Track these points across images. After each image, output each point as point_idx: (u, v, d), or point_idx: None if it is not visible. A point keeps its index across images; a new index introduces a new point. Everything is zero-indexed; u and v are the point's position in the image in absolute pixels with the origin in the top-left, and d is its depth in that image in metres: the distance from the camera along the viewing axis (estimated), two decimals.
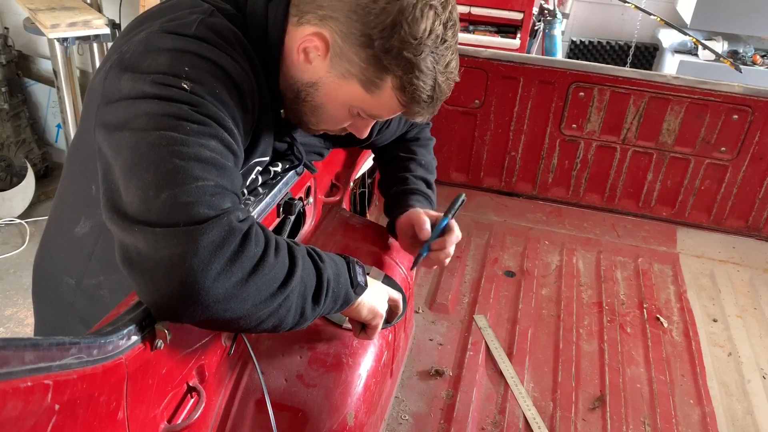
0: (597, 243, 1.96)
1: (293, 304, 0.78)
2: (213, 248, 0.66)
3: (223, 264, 0.67)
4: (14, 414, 0.49)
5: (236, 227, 0.69)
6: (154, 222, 0.66)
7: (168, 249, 0.65)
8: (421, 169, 1.31)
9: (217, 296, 0.67)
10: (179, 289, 0.66)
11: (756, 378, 1.50)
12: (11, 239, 2.97)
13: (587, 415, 1.34)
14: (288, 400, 0.94)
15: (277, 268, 0.74)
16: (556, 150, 2.00)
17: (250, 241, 0.70)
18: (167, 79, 0.74)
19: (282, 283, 0.74)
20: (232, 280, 0.68)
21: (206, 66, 0.77)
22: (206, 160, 0.71)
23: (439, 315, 1.60)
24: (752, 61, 3.09)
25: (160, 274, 0.66)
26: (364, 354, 1.02)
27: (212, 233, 0.67)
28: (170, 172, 0.68)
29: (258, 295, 0.71)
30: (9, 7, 3.21)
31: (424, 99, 0.87)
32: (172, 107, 0.73)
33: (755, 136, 1.84)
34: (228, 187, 0.73)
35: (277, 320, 0.77)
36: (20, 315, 2.53)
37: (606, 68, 1.86)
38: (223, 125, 0.76)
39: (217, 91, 0.77)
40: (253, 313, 0.72)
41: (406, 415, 1.29)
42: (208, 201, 0.69)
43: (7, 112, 3.15)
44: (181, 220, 0.66)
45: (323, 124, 0.96)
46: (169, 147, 0.70)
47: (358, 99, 0.88)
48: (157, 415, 0.75)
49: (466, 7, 2.96)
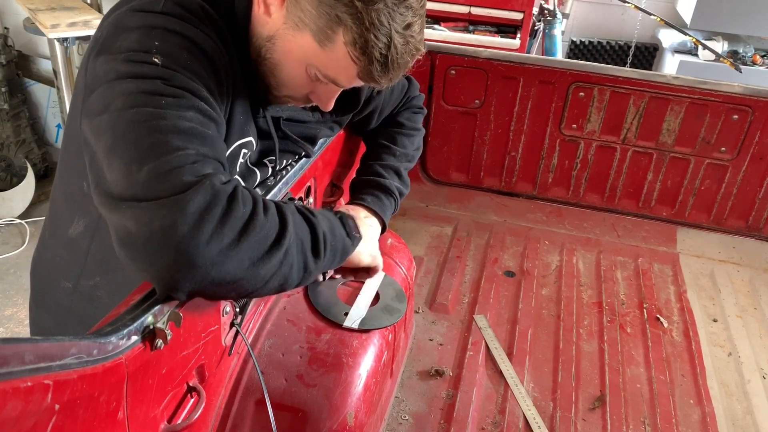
0: (597, 243, 1.96)
1: (294, 260, 0.78)
2: (201, 213, 0.67)
3: (213, 226, 0.68)
4: (14, 414, 0.49)
5: (221, 189, 0.70)
6: (140, 196, 0.67)
7: (157, 221, 0.66)
8: (393, 158, 1.29)
9: (213, 259, 0.67)
10: (175, 258, 0.66)
11: (756, 378, 1.50)
12: (11, 239, 2.97)
13: (587, 415, 1.34)
14: (288, 400, 0.94)
15: (269, 226, 0.74)
16: (556, 150, 2.01)
17: (237, 201, 0.71)
18: (138, 55, 0.76)
19: (276, 240, 0.75)
20: (225, 241, 0.68)
21: (176, 39, 0.79)
22: (185, 130, 0.72)
23: (439, 315, 1.60)
24: (752, 61, 3.09)
25: (154, 248, 0.66)
26: (364, 354, 1.02)
27: (198, 198, 0.67)
28: (150, 146, 0.69)
29: (254, 253, 0.72)
30: (9, 7, 3.21)
31: (377, 57, 0.83)
32: (146, 83, 0.74)
33: (755, 136, 1.84)
34: (209, 155, 0.74)
35: (282, 278, 0.78)
36: (20, 315, 2.53)
37: (606, 68, 1.86)
38: (198, 95, 0.77)
39: (189, 62, 0.78)
40: (254, 272, 0.72)
41: (406, 415, 1.29)
42: (190, 168, 0.69)
43: (7, 112, 3.15)
44: (165, 191, 0.67)
45: (284, 87, 0.94)
46: (147, 122, 0.71)
47: (313, 54, 0.86)
48: (157, 415, 0.75)
49: (466, 7, 2.96)
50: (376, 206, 1.20)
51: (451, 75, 1.94)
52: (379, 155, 1.30)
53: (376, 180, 1.24)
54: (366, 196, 1.21)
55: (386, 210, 1.22)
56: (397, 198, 1.25)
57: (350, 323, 1.05)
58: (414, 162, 1.36)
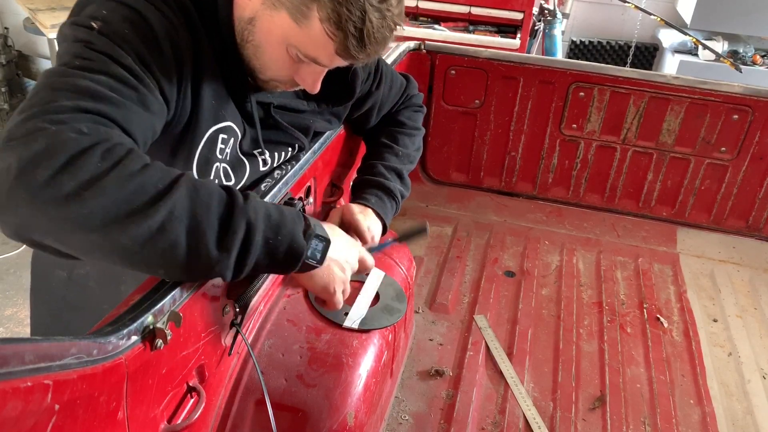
0: (597, 243, 1.96)
1: (178, 239, 0.70)
2: (38, 158, 0.65)
3: (49, 174, 0.65)
4: (14, 414, 0.49)
5: (70, 138, 0.67)
6: (5, 138, 0.68)
7: (2, 162, 0.65)
8: (395, 158, 1.30)
9: (45, 204, 0.65)
10: (7, 200, 0.65)
11: (756, 378, 1.50)
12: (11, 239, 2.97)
13: (587, 415, 1.34)
14: (288, 400, 0.94)
15: (133, 187, 0.68)
16: (556, 150, 2.01)
17: (90, 155, 0.67)
18: (80, 20, 0.80)
19: (143, 205, 0.68)
20: (63, 190, 0.65)
21: (125, 11, 0.81)
22: (81, 89, 0.72)
23: (439, 315, 1.60)
24: (752, 61, 3.09)
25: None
26: (364, 354, 1.02)
27: (37, 144, 0.66)
28: (38, 99, 0.71)
29: (104, 212, 0.66)
30: (9, 7, 3.21)
31: (352, 31, 0.82)
32: (74, 46, 0.77)
33: (755, 136, 1.84)
34: (93, 110, 0.71)
35: (158, 255, 0.70)
36: (20, 315, 2.53)
37: (606, 68, 1.87)
38: (120, 62, 0.78)
39: (126, 31, 0.80)
40: (108, 235, 0.67)
41: (406, 415, 1.29)
42: (50, 118, 0.68)
43: (7, 112, 3.16)
44: (17, 135, 0.67)
45: (268, 70, 0.94)
46: (50, 78, 0.73)
47: (291, 33, 0.86)
48: (157, 415, 0.75)
49: (466, 7, 2.96)
50: (379, 208, 1.20)
51: (451, 75, 1.94)
52: (381, 155, 1.31)
53: (379, 181, 1.25)
54: (370, 197, 1.21)
55: (388, 212, 1.22)
56: (399, 201, 1.26)
57: (350, 323, 1.05)
58: (415, 163, 1.36)
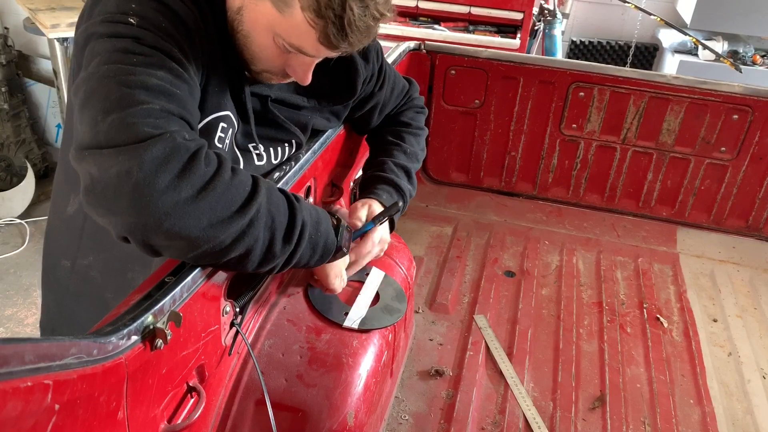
0: (597, 243, 1.96)
1: (259, 234, 0.78)
2: (158, 163, 0.69)
3: (170, 179, 0.69)
4: (14, 414, 0.49)
5: (181, 144, 0.71)
6: (102, 144, 0.70)
7: (115, 167, 0.68)
8: (404, 156, 1.29)
9: (166, 209, 0.69)
10: (129, 204, 0.68)
11: (756, 378, 1.50)
12: (11, 239, 2.97)
13: (587, 415, 1.34)
14: (288, 400, 0.94)
15: (234, 190, 0.75)
16: (556, 150, 2.01)
17: (198, 159, 0.72)
18: (115, 17, 0.79)
19: (240, 207, 0.75)
20: (182, 195, 0.70)
21: (151, 3, 0.81)
22: (153, 87, 0.74)
23: (439, 315, 1.60)
24: (752, 61, 3.09)
25: (110, 193, 0.69)
26: (364, 354, 1.02)
27: (156, 149, 0.69)
28: (117, 99, 0.72)
29: (213, 214, 0.72)
30: (9, 7, 3.21)
31: (332, 19, 0.82)
32: (120, 42, 0.77)
33: (755, 136, 1.84)
34: (175, 112, 0.75)
35: (244, 248, 0.77)
36: (20, 315, 2.53)
37: (606, 68, 1.87)
38: (170, 55, 0.79)
39: (163, 24, 0.81)
40: (212, 234, 0.73)
41: (406, 415, 1.29)
42: (153, 122, 0.71)
43: (7, 112, 3.15)
44: (125, 139, 0.69)
45: (258, 61, 0.94)
46: (117, 77, 0.74)
47: (275, 22, 0.86)
48: (157, 415, 0.75)
49: (466, 7, 2.96)
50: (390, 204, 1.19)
51: (451, 75, 1.94)
52: (390, 152, 1.29)
53: (390, 178, 1.23)
54: (382, 193, 1.20)
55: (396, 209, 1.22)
56: (407, 200, 1.25)
57: (350, 323, 1.05)
58: (420, 163, 1.35)
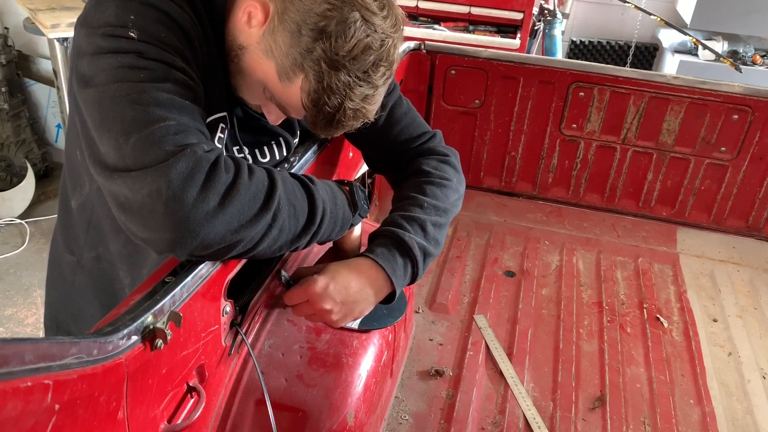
0: (597, 243, 1.96)
1: (284, 223, 0.82)
2: (184, 178, 0.72)
3: (198, 191, 0.73)
4: (14, 414, 0.49)
5: (202, 157, 0.75)
6: (130, 166, 0.73)
7: (146, 187, 0.72)
8: (418, 210, 1.09)
9: (200, 221, 0.73)
10: (164, 221, 0.72)
11: (756, 378, 1.50)
12: (11, 239, 2.97)
13: (587, 415, 1.34)
14: (288, 400, 0.94)
15: (254, 190, 0.79)
16: (556, 150, 2.01)
17: (219, 168, 0.76)
18: (116, 30, 0.80)
19: (264, 203, 0.79)
20: (211, 204, 0.74)
21: (151, 12, 0.82)
22: (164, 102, 0.77)
23: (439, 315, 1.60)
24: (752, 61, 3.09)
25: (146, 212, 0.73)
26: (364, 354, 1.02)
27: (180, 165, 0.72)
28: (134, 120, 0.74)
29: (241, 215, 0.76)
30: (9, 7, 3.21)
31: (324, 114, 0.88)
32: (124, 58, 0.78)
33: (755, 136, 1.84)
34: (190, 124, 0.78)
35: (273, 240, 0.82)
36: (20, 315, 2.53)
37: (606, 68, 1.86)
38: (174, 65, 0.81)
39: (163, 35, 0.82)
40: (244, 234, 0.78)
41: (406, 415, 1.29)
42: (173, 139, 0.74)
43: (7, 112, 3.15)
44: (151, 160, 0.72)
45: (241, 90, 0.97)
46: (128, 96, 0.76)
47: (272, 82, 0.89)
48: (157, 415, 0.75)
49: (466, 7, 2.96)
50: (385, 262, 1.00)
51: (451, 75, 1.94)
52: (403, 207, 1.11)
53: (393, 231, 1.04)
54: (376, 248, 1.02)
55: (397, 269, 1.01)
56: (416, 257, 1.02)
57: (350, 323, 1.05)
58: (448, 217, 1.13)
